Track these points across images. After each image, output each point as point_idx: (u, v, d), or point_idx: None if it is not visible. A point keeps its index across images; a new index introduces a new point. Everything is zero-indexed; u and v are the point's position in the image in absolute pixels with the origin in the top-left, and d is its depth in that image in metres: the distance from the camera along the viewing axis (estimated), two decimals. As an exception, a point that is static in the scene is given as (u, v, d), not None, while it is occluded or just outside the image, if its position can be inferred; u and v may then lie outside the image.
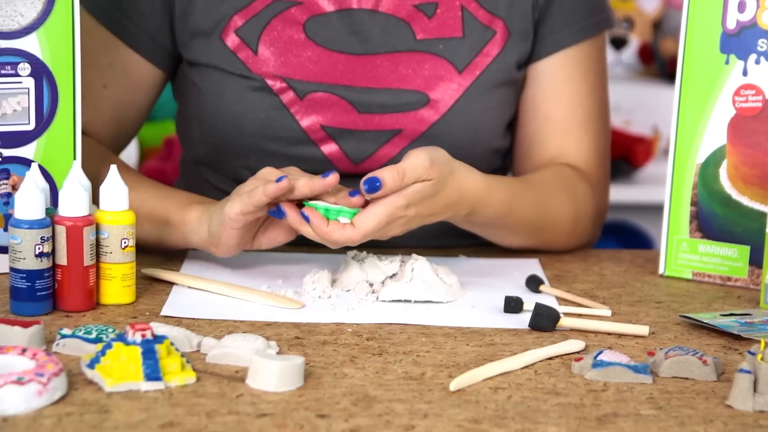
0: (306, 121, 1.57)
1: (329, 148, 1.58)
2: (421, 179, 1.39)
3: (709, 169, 1.53)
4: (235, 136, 1.58)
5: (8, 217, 1.44)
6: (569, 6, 1.64)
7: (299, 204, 1.40)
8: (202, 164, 1.69)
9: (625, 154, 2.79)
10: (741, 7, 1.50)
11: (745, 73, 1.50)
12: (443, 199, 1.43)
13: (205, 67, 1.60)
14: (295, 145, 1.57)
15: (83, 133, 1.59)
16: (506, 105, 1.64)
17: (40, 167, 1.38)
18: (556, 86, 1.65)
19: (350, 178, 1.53)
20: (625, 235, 2.97)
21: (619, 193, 2.81)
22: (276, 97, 1.57)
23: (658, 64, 3.01)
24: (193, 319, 1.34)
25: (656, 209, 1.57)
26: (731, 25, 1.51)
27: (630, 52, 2.99)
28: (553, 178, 1.62)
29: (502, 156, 1.70)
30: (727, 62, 1.51)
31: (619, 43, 2.99)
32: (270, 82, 1.58)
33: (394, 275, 1.44)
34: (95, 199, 1.40)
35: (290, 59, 1.58)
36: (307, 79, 1.57)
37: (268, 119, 1.58)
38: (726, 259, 1.54)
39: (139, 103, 1.65)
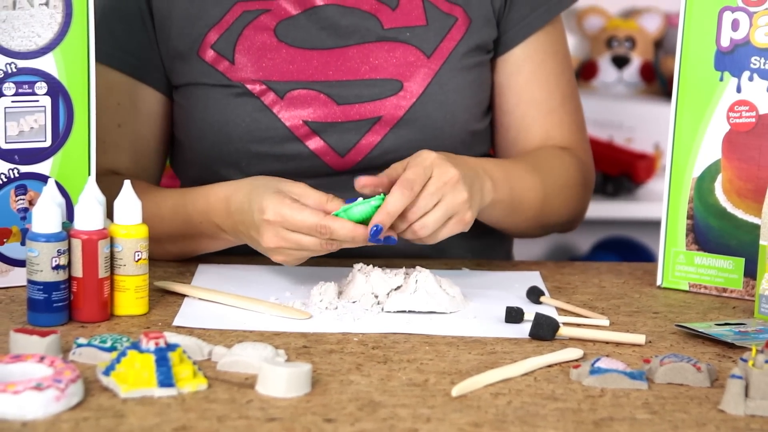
0: (289, 120, 1.61)
1: (315, 144, 1.62)
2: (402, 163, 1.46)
3: (704, 183, 1.56)
4: (223, 144, 1.62)
5: (25, 231, 1.47)
6: None
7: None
8: (197, 185, 1.71)
9: (627, 171, 2.81)
10: (734, 26, 1.53)
11: (738, 90, 1.53)
12: (450, 156, 1.47)
13: (187, 86, 1.65)
14: (281, 144, 1.61)
15: (113, 173, 1.63)
16: (479, 86, 1.68)
17: (57, 183, 1.41)
18: (535, 70, 1.70)
19: (340, 175, 1.60)
20: (628, 251, 2.98)
21: (622, 210, 2.84)
22: (257, 100, 1.61)
23: (660, 83, 3.02)
24: (205, 329, 1.37)
25: (659, 225, 1.60)
26: (725, 43, 1.54)
27: (632, 71, 3.01)
28: (531, 156, 1.68)
29: (484, 142, 1.72)
30: (721, 79, 1.54)
31: (621, 62, 3.01)
32: (250, 87, 1.62)
33: (398, 287, 1.46)
34: (110, 214, 1.44)
35: (266, 63, 1.62)
36: (285, 78, 1.62)
37: (253, 122, 1.62)
38: (721, 270, 1.56)
39: (157, 133, 1.69)
